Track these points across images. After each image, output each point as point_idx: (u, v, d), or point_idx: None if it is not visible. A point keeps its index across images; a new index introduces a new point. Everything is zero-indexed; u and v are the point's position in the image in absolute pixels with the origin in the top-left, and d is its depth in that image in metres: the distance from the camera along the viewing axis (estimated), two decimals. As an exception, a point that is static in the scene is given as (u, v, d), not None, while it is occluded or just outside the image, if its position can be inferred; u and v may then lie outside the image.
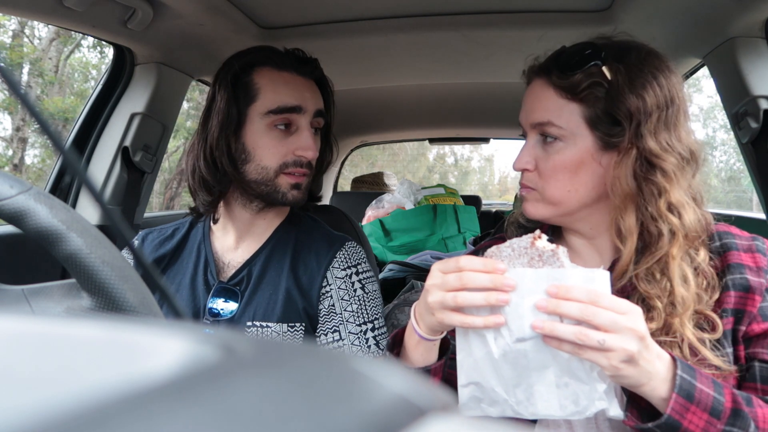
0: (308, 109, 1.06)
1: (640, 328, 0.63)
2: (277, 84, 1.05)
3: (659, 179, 0.75)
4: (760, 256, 0.78)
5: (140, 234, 1.20)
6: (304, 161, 1.06)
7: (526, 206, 0.85)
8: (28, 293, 0.51)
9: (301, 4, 1.40)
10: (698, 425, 0.65)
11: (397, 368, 0.20)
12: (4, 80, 0.30)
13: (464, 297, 0.65)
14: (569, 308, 0.62)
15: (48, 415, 0.15)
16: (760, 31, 1.26)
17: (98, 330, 0.23)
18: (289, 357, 0.21)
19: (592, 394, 0.65)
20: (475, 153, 19.60)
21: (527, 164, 0.83)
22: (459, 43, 1.57)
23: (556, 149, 0.80)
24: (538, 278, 0.64)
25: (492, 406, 0.69)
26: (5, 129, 8.05)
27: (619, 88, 0.77)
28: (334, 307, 1.08)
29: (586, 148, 0.79)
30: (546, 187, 0.81)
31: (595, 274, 0.64)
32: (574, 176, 0.80)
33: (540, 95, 0.82)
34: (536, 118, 0.81)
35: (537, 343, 0.64)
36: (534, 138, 0.83)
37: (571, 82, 0.79)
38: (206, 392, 0.17)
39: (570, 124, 0.79)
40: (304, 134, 1.05)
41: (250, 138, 1.05)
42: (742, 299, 0.76)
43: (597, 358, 0.62)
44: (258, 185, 1.06)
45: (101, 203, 0.36)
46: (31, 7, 1.17)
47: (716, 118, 9.63)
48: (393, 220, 2.22)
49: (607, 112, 0.78)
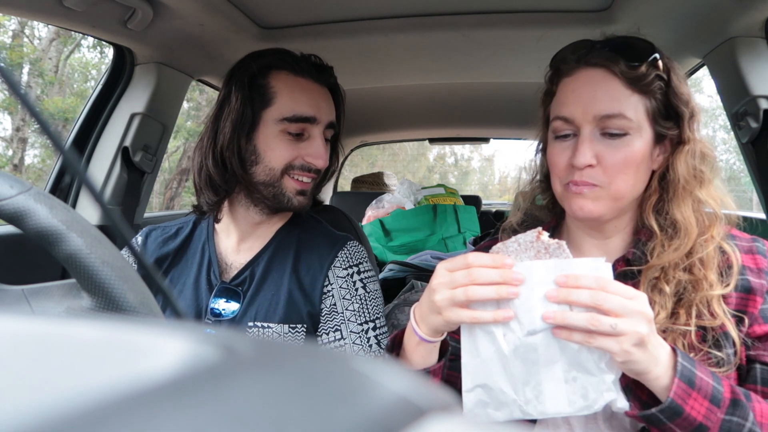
0: (322, 120, 1.06)
1: (648, 311, 0.64)
2: (294, 91, 1.05)
3: (707, 172, 0.79)
4: (760, 258, 0.79)
5: (143, 231, 1.19)
6: (313, 168, 1.06)
7: (584, 204, 0.79)
8: (28, 293, 0.51)
9: (301, 4, 1.40)
10: (699, 411, 0.66)
11: (397, 368, 0.20)
12: (4, 80, 0.30)
13: (474, 291, 0.66)
14: (580, 295, 0.63)
15: (48, 415, 0.15)
16: (760, 31, 1.26)
17: (98, 330, 0.23)
18: (290, 357, 0.21)
19: (601, 386, 0.65)
20: (475, 153, 19.59)
21: (592, 159, 0.78)
22: (459, 43, 1.57)
23: (625, 142, 0.78)
24: (546, 270, 0.65)
25: (499, 410, 0.69)
26: (5, 129, 8.05)
27: (678, 81, 0.79)
28: (335, 307, 1.07)
29: (648, 142, 0.79)
30: (612, 182, 0.78)
31: (599, 263, 0.65)
32: (638, 170, 0.79)
33: (605, 85, 0.78)
34: (604, 109, 0.77)
35: (547, 335, 0.65)
36: (590, 131, 0.78)
37: (638, 73, 0.77)
38: (206, 393, 0.17)
39: (638, 117, 0.78)
40: (315, 142, 1.05)
41: (262, 141, 1.04)
42: (743, 300, 0.76)
43: (609, 344, 0.63)
44: (265, 187, 1.05)
45: (101, 203, 0.36)
46: (31, 7, 1.17)
47: (717, 118, 9.64)
48: (393, 220, 2.22)
49: (665, 106, 0.79)
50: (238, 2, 1.37)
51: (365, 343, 1.06)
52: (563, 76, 0.83)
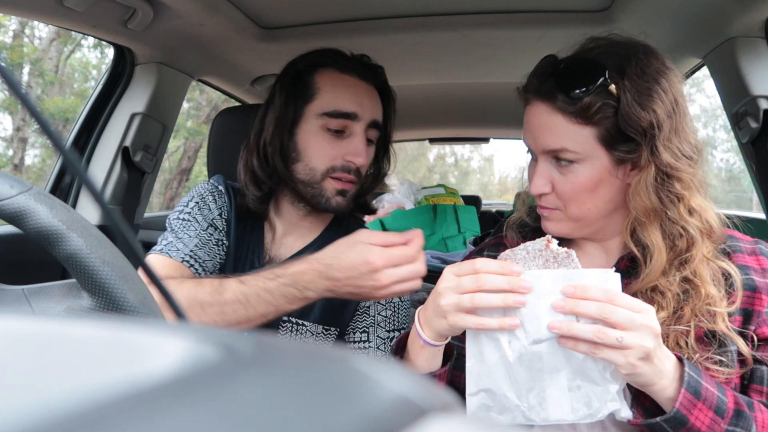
0: (364, 117, 1.04)
1: (655, 325, 0.64)
2: (338, 86, 1.04)
3: (678, 188, 0.75)
4: (763, 259, 0.80)
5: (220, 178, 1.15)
6: (353, 167, 1.04)
7: (548, 225, 0.83)
8: (28, 293, 0.51)
9: (301, 4, 1.40)
10: (704, 422, 0.66)
11: (398, 368, 0.20)
12: (5, 80, 0.30)
13: (481, 298, 0.66)
14: (587, 307, 0.63)
15: (48, 415, 0.15)
16: (760, 31, 1.26)
17: (98, 330, 0.23)
18: (290, 357, 0.21)
19: (605, 396, 0.66)
20: (475, 153, 19.60)
21: (544, 187, 0.80)
22: (459, 43, 1.57)
23: (573, 171, 0.78)
24: (554, 279, 0.65)
25: (502, 414, 0.69)
26: (5, 129, 8.06)
27: (629, 106, 0.73)
28: (368, 309, 1.08)
29: (603, 166, 0.77)
30: (568, 207, 0.80)
31: (608, 274, 0.65)
32: (594, 193, 0.78)
33: (548, 122, 0.78)
34: (548, 144, 0.78)
35: (552, 344, 0.65)
36: (546, 161, 0.80)
37: (581, 106, 0.75)
38: (207, 392, 0.17)
39: (585, 147, 0.76)
40: (356, 140, 1.03)
41: (303, 137, 1.04)
42: (749, 299, 0.76)
43: (614, 356, 0.63)
44: (305, 186, 1.04)
45: (101, 203, 0.36)
46: (32, 7, 1.17)
47: (717, 118, 9.64)
48: (393, 220, 2.22)
49: (619, 131, 0.75)
50: (238, 2, 1.37)
51: (389, 351, 1.05)
52: (525, 104, 0.84)
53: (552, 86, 0.77)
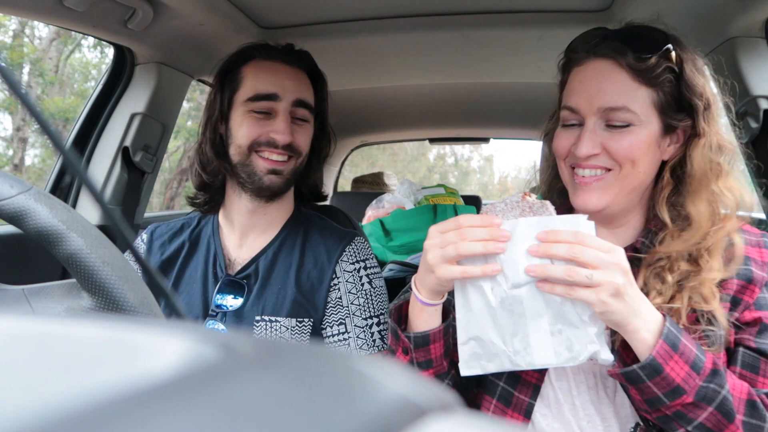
0: (286, 97, 1.09)
1: (624, 263, 0.68)
2: (259, 72, 1.11)
3: (724, 163, 0.79)
4: (766, 252, 0.81)
5: (148, 228, 1.23)
6: (278, 143, 1.08)
7: (589, 196, 0.81)
8: (28, 293, 0.51)
9: (301, 4, 1.40)
10: (679, 374, 0.68)
11: (398, 368, 0.20)
12: (5, 80, 0.30)
13: (465, 246, 0.70)
14: (558, 249, 0.67)
15: (48, 415, 0.15)
16: (760, 31, 1.26)
17: (98, 330, 0.23)
18: (290, 356, 0.21)
19: (584, 338, 0.69)
20: (475, 153, 19.59)
21: (594, 148, 0.79)
22: (459, 43, 1.57)
23: (628, 132, 0.78)
24: (529, 226, 0.69)
25: (491, 361, 0.73)
26: (5, 129, 8.05)
27: (691, 72, 0.78)
28: (341, 300, 1.10)
29: (652, 133, 0.79)
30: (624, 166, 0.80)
31: (579, 219, 0.69)
32: (644, 158, 0.79)
33: (611, 77, 0.79)
34: (608, 102, 0.78)
35: (531, 289, 0.69)
36: (594, 123, 0.79)
37: (646, 66, 0.77)
38: (206, 392, 0.17)
39: (643, 110, 0.78)
40: (278, 118, 1.09)
41: (234, 123, 1.11)
42: (742, 288, 0.78)
43: (587, 295, 0.66)
44: (241, 167, 1.10)
45: (101, 203, 0.36)
46: (32, 7, 1.17)
47: (716, 118, 9.66)
48: (393, 220, 2.21)
49: (675, 98, 0.78)
50: (238, 2, 1.37)
51: (369, 338, 1.09)
52: (573, 65, 0.84)
53: (617, 45, 0.79)
